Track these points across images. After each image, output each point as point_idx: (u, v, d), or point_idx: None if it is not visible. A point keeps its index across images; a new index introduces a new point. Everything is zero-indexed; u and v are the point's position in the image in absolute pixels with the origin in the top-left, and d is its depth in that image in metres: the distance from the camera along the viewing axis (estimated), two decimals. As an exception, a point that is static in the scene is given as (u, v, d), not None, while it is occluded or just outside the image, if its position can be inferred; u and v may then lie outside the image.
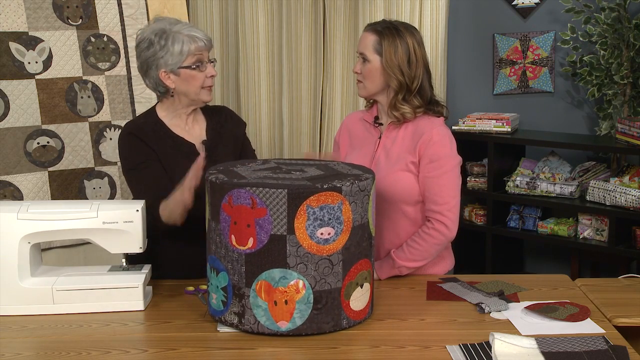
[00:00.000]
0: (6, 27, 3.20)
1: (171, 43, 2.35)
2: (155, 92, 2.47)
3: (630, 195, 3.69)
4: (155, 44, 2.36)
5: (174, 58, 2.36)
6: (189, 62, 2.37)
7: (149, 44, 2.37)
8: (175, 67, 2.37)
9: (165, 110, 2.48)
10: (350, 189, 1.94)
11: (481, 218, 4.24)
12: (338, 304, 1.97)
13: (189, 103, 2.45)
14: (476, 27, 4.45)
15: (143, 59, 2.40)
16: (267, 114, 4.51)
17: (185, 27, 2.38)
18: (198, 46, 2.37)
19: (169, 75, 2.38)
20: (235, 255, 1.95)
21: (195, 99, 2.43)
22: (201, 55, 2.39)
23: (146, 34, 2.39)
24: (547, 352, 1.83)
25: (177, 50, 2.35)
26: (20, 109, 3.21)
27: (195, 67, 2.38)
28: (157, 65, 2.38)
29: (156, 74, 2.39)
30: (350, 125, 2.59)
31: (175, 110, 2.47)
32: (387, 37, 2.37)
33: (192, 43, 2.36)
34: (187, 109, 2.47)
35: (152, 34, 2.37)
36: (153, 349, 1.94)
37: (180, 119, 2.48)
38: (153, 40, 2.37)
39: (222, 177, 1.99)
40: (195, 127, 2.51)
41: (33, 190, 3.24)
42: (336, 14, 4.32)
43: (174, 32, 2.36)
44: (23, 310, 2.14)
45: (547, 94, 4.37)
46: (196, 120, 2.52)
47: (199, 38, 2.38)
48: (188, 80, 2.39)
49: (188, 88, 2.40)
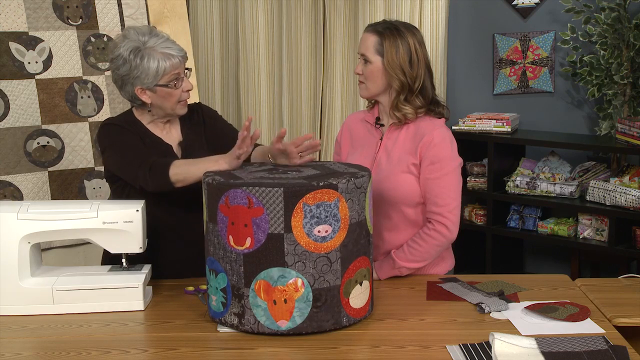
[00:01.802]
0: (6, 27, 3.20)
1: (146, 62, 2.30)
2: (132, 104, 2.47)
3: (630, 195, 3.69)
4: (129, 62, 2.31)
5: (149, 77, 2.32)
6: (165, 80, 2.33)
7: (124, 61, 2.32)
8: (151, 85, 2.34)
9: (141, 115, 2.48)
10: (346, 186, 1.94)
11: (481, 218, 4.24)
12: (338, 301, 1.97)
13: (164, 115, 2.44)
14: (476, 27, 4.45)
15: (118, 75, 2.36)
16: (267, 114, 4.51)
17: (160, 41, 2.33)
18: (173, 63, 2.33)
19: (145, 92, 2.36)
20: (233, 256, 1.95)
21: (171, 113, 2.42)
22: (177, 72, 2.35)
23: (121, 51, 2.33)
24: (547, 352, 1.83)
25: (152, 69, 2.31)
26: (20, 109, 3.21)
27: (172, 86, 2.35)
28: (132, 82, 2.34)
29: (132, 90, 2.36)
30: (352, 126, 2.59)
31: (151, 118, 2.46)
32: (388, 37, 2.37)
33: (167, 60, 2.32)
34: (162, 119, 2.46)
35: (127, 51, 2.31)
36: (153, 349, 1.94)
37: (158, 123, 2.48)
38: (127, 58, 2.31)
39: (218, 178, 1.99)
40: (172, 130, 2.51)
41: (33, 190, 3.24)
42: (336, 14, 4.32)
43: (148, 49, 2.31)
44: (23, 310, 2.14)
45: (547, 94, 4.37)
46: (172, 124, 2.51)
47: (174, 55, 2.33)
48: (164, 97, 2.37)
49: (164, 104, 2.39)
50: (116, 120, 2.48)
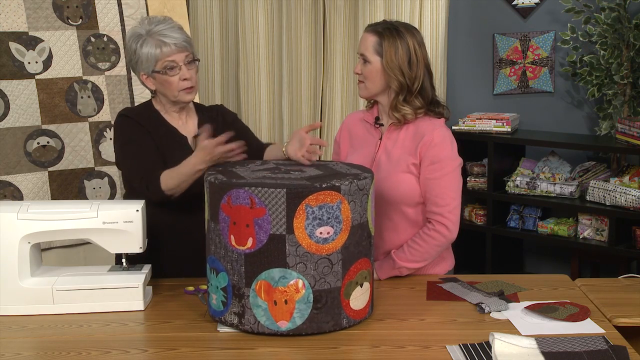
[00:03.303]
0: (6, 27, 3.20)
1: (143, 48, 2.38)
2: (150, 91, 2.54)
3: (630, 195, 3.69)
4: (130, 49, 2.42)
5: (145, 63, 2.40)
6: (159, 67, 2.39)
7: (128, 49, 2.44)
8: (149, 71, 2.41)
9: (159, 104, 2.53)
10: (349, 188, 1.94)
11: (481, 218, 4.24)
12: (338, 303, 1.97)
13: (170, 102, 2.49)
14: (476, 27, 4.45)
15: (129, 63, 2.49)
16: (267, 114, 4.51)
17: (161, 29, 2.38)
18: (164, 51, 2.37)
19: (148, 78, 2.44)
20: (234, 256, 1.95)
21: (175, 100, 2.46)
22: (171, 60, 2.38)
23: (127, 37, 2.46)
24: (547, 352, 1.83)
25: (144, 55, 2.39)
26: (20, 109, 3.21)
27: (165, 73, 2.39)
28: (136, 68, 2.45)
29: (139, 76, 2.47)
30: (351, 126, 2.59)
31: (165, 106, 2.51)
32: (387, 37, 2.37)
33: (158, 48, 2.37)
34: (173, 106, 2.51)
35: (132, 37, 2.43)
36: (153, 349, 1.94)
37: (173, 113, 2.52)
38: (130, 45, 2.43)
39: (221, 177, 1.99)
40: (189, 123, 2.55)
41: (33, 190, 3.24)
42: (336, 14, 4.32)
43: (148, 36, 2.38)
44: (23, 310, 2.14)
45: (547, 94, 4.37)
46: (190, 116, 2.56)
47: (166, 43, 2.37)
48: (163, 84, 2.43)
49: (165, 91, 2.45)
50: (134, 112, 2.53)
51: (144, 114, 2.50)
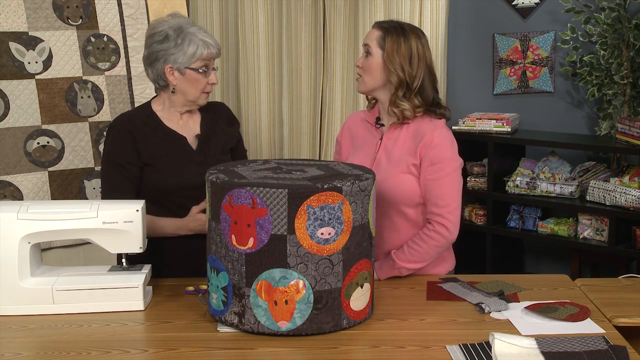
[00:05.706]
0: (6, 27, 3.20)
1: (187, 43, 2.40)
2: (155, 85, 2.50)
3: (630, 195, 3.69)
4: (170, 40, 2.40)
5: (184, 58, 2.40)
6: (197, 65, 2.42)
7: (165, 37, 2.41)
8: (182, 67, 2.41)
9: (161, 105, 2.52)
10: (350, 189, 1.94)
11: (481, 218, 4.24)
12: (338, 304, 1.97)
13: (184, 103, 2.48)
14: (476, 27, 4.45)
15: (153, 50, 2.44)
16: (267, 114, 4.50)
17: (200, 31, 2.44)
18: (210, 52, 2.43)
19: (174, 72, 2.43)
20: (235, 255, 1.95)
21: (192, 100, 2.46)
22: (209, 62, 2.45)
23: (164, 27, 2.43)
24: (547, 352, 1.83)
25: (190, 51, 2.40)
26: (20, 109, 3.21)
27: (202, 72, 2.43)
28: (165, 59, 2.42)
29: (162, 68, 2.43)
30: (352, 126, 2.59)
31: (170, 107, 2.50)
32: (391, 34, 2.40)
33: (205, 48, 2.42)
34: (181, 108, 2.50)
35: (171, 29, 2.41)
36: (153, 349, 1.94)
37: (174, 115, 2.51)
38: (170, 35, 2.41)
39: (222, 176, 1.99)
40: (190, 122, 2.54)
41: (33, 190, 3.24)
42: (336, 14, 4.32)
43: (190, 34, 2.40)
44: (23, 310, 2.14)
45: (547, 94, 4.37)
46: (191, 116, 2.55)
47: (212, 45, 2.43)
48: (191, 81, 2.43)
49: (188, 89, 2.44)
50: (128, 121, 2.49)
51: (139, 120, 2.47)
